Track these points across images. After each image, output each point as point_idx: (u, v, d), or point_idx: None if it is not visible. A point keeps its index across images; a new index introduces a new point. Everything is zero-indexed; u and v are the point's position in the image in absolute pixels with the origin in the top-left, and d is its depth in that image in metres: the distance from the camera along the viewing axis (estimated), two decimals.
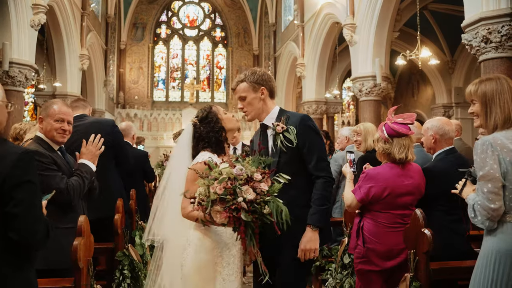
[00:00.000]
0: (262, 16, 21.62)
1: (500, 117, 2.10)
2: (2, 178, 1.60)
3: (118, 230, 3.17)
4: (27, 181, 1.66)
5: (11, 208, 1.61)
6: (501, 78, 2.19)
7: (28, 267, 1.75)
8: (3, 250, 1.64)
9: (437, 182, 2.95)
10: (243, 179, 2.13)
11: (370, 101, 10.66)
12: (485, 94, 2.15)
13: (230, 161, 2.25)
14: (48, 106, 2.76)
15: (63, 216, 2.60)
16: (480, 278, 2.07)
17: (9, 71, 9.30)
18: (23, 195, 1.64)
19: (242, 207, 2.08)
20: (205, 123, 2.70)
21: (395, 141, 2.95)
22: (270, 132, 2.73)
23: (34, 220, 1.66)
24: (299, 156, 2.60)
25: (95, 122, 3.63)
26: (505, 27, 6.00)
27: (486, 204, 2.01)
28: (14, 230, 1.62)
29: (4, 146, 1.69)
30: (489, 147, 2.03)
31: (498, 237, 2.04)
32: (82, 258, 2.18)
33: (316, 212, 2.52)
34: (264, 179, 2.18)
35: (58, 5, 12.21)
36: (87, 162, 2.86)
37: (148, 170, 5.47)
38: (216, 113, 2.73)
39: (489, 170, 2.01)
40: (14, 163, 1.62)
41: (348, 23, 10.84)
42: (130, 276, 3.15)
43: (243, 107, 2.71)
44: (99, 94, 17.81)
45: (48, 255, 2.34)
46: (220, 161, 2.47)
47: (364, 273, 3.03)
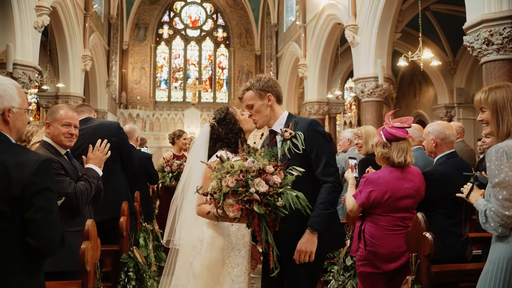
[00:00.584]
0: (264, 17, 21.65)
1: (511, 124, 2.12)
2: (22, 185, 1.64)
3: (124, 233, 3.21)
4: (46, 189, 1.70)
5: (31, 214, 1.65)
6: (510, 85, 2.21)
7: (39, 272, 1.79)
8: (19, 256, 1.68)
9: (438, 185, 2.99)
10: (255, 171, 2.13)
11: (372, 102, 10.69)
12: (496, 102, 2.17)
13: (242, 155, 2.26)
14: (54, 111, 2.79)
15: (71, 220, 2.64)
16: (490, 284, 2.08)
17: (13, 72, 9.36)
18: (42, 202, 1.68)
19: (255, 198, 2.07)
20: (223, 124, 2.73)
21: (393, 145, 2.99)
22: (279, 138, 2.71)
23: (51, 226, 1.70)
24: (307, 162, 2.57)
25: (100, 124, 3.68)
26: (506, 29, 6.03)
27: (501, 211, 2.02)
28: (32, 236, 1.67)
29: (24, 153, 1.74)
30: (504, 155, 2.05)
31: (510, 244, 2.06)
32: (89, 261, 2.22)
33: (318, 216, 2.49)
34: (276, 171, 2.18)
35: (61, 6, 12.26)
36: (94, 167, 2.90)
37: (152, 172, 5.51)
38: (234, 114, 2.77)
39: (505, 177, 2.03)
40: (34, 171, 1.66)
41: (350, 24, 10.87)
42: (135, 278, 3.19)
43: (251, 113, 2.72)
44: (101, 95, 17.87)
45: (58, 257, 2.39)
46: (232, 156, 2.47)
47: (366, 275, 3.07)
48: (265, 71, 21.89)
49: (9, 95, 1.78)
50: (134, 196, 4.14)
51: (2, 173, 1.62)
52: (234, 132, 2.71)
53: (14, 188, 1.62)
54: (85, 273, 2.22)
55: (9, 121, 1.76)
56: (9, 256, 1.65)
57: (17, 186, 1.63)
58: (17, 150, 1.73)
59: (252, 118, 2.73)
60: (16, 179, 1.63)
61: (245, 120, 2.78)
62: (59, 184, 2.55)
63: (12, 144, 1.76)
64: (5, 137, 1.75)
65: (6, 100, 1.77)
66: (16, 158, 1.67)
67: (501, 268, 2.05)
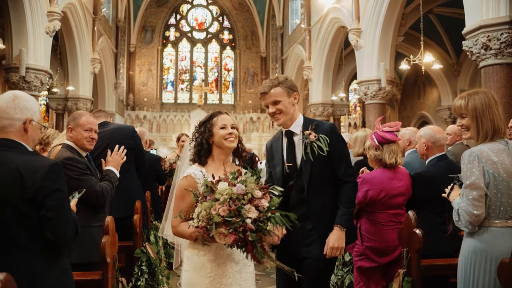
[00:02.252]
0: (270, 19, 21.87)
1: (490, 129, 2.30)
2: (35, 188, 1.89)
3: (137, 229, 3.46)
4: (56, 190, 1.95)
5: (45, 212, 1.91)
6: (486, 92, 2.40)
7: (61, 259, 2.05)
8: (41, 246, 1.94)
9: (429, 186, 3.22)
10: (246, 198, 2.06)
11: (375, 104, 10.90)
12: (476, 108, 2.33)
13: (228, 179, 2.16)
14: (77, 117, 3.05)
15: (95, 216, 2.92)
16: (461, 274, 2.33)
17: (25, 76, 9.65)
18: (54, 202, 1.93)
19: (250, 228, 2.03)
20: (199, 130, 2.56)
21: (385, 148, 3.26)
22: (297, 139, 2.78)
23: (63, 222, 1.96)
24: (329, 164, 2.71)
25: (117, 128, 3.94)
26: (504, 35, 6.21)
27: (470, 210, 2.22)
28: (48, 230, 1.93)
29: (36, 159, 1.99)
30: (476, 159, 2.24)
31: (474, 239, 2.28)
32: (109, 254, 2.47)
33: (345, 214, 2.68)
34: (264, 195, 2.11)
35: (71, 11, 12.56)
36: (113, 169, 3.17)
37: (160, 173, 5.76)
38: (213, 124, 2.51)
39: (475, 180, 2.22)
40: (44, 175, 1.91)
41: (354, 28, 11.08)
42: (147, 271, 3.43)
43: (274, 111, 2.74)
44: (109, 97, 18.16)
45: (85, 250, 2.67)
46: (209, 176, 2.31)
47: (364, 270, 3.30)
48: (270, 73, 22.11)
49: (32, 109, 2.05)
50: (145, 196, 4.39)
51: (17, 178, 1.88)
52: (202, 143, 2.49)
53: (28, 191, 1.88)
54: (105, 264, 2.47)
55: (28, 131, 2.03)
56: (32, 247, 1.91)
57: (31, 189, 1.88)
58: (30, 157, 1.98)
59: (275, 114, 2.74)
60: (29, 182, 1.88)
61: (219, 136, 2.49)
62: (88, 183, 2.82)
63: (27, 151, 2.02)
64: (21, 145, 2.01)
65: (30, 112, 2.03)
66: (28, 164, 1.93)
67: (468, 259, 2.28)
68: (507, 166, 2.21)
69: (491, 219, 2.24)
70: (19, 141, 1.99)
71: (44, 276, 1.91)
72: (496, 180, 2.21)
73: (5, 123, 1.96)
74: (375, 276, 3.26)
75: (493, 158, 2.23)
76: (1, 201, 1.85)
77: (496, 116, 2.32)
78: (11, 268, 1.73)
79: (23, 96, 2.02)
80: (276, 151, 2.91)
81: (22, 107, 1.98)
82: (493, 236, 2.21)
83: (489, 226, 2.24)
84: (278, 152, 2.88)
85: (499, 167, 2.20)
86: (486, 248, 2.21)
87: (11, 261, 1.83)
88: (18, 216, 1.87)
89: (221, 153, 2.49)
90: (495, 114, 2.32)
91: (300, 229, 2.67)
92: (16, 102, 1.98)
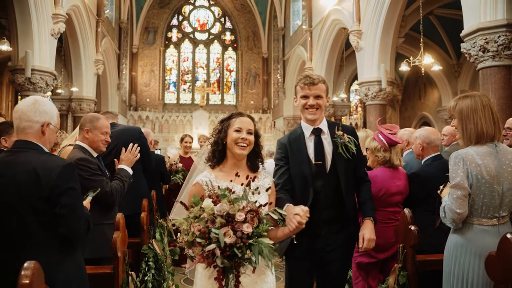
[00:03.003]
0: (271, 20, 22.01)
1: (473, 133, 2.42)
2: (50, 186, 2.04)
3: (144, 227, 3.59)
4: (69, 188, 2.10)
5: (59, 210, 2.06)
6: (476, 96, 2.50)
7: (75, 253, 2.19)
8: (57, 241, 2.09)
9: (424, 185, 3.36)
10: (221, 220, 1.89)
11: (376, 105, 11.03)
12: (461, 111, 2.47)
13: (215, 195, 2.01)
14: (94, 120, 3.20)
15: (107, 214, 3.06)
16: (446, 266, 2.51)
17: (31, 77, 9.81)
18: (67, 200, 2.08)
19: (216, 254, 1.87)
20: (216, 130, 2.46)
21: (392, 150, 3.41)
22: (325, 138, 2.79)
23: (76, 219, 2.11)
24: (352, 164, 2.79)
25: (124, 129, 4.09)
26: (501, 37, 6.33)
27: (453, 208, 2.38)
28: (62, 226, 2.08)
29: (51, 159, 2.14)
30: (461, 161, 2.39)
31: (458, 234, 2.45)
32: (120, 248, 2.60)
33: (372, 208, 2.86)
34: (247, 220, 1.92)
35: (75, 13, 12.71)
36: (126, 167, 3.33)
37: (165, 173, 5.89)
38: (230, 125, 2.40)
39: (460, 180, 2.36)
40: (58, 175, 2.06)
41: (354, 30, 11.20)
42: (154, 267, 3.56)
43: (315, 104, 2.73)
44: (112, 97, 18.32)
45: (97, 246, 2.82)
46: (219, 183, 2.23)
47: (363, 265, 3.45)
48: (272, 74, 22.25)
49: (50, 113, 2.21)
50: (151, 195, 4.53)
51: (34, 178, 2.02)
52: (217, 142, 2.40)
53: (44, 190, 2.03)
54: (116, 258, 2.60)
55: (45, 133, 2.18)
56: (48, 241, 2.06)
57: (46, 188, 2.03)
58: (46, 157, 2.13)
59: (313, 109, 2.75)
60: (45, 182, 2.03)
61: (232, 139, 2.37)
62: (99, 183, 2.96)
63: (44, 152, 2.17)
64: (38, 146, 2.16)
65: (48, 116, 2.19)
66: (44, 164, 2.07)
67: (451, 252, 2.45)
68: (491, 169, 2.34)
69: (473, 218, 2.39)
70: (36, 142, 2.13)
71: (59, 269, 2.05)
72: (479, 182, 2.35)
73: (24, 125, 2.10)
74: (373, 271, 3.40)
75: (477, 161, 2.37)
76: (20, 199, 1.99)
77: (482, 120, 2.41)
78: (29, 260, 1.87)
79: (43, 101, 2.17)
80: (298, 149, 2.80)
81: (41, 111, 2.13)
82: (474, 233, 2.37)
83: (472, 224, 2.40)
84: (302, 150, 2.78)
85: (483, 169, 2.34)
86: (467, 244, 2.37)
87: (28, 255, 1.96)
88: (35, 213, 2.01)
89: (232, 157, 2.38)
90: (481, 118, 2.41)
91: (326, 233, 2.72)
92: (36, 106, 2.12)
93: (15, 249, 1.99)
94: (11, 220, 1.99)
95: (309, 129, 2.81)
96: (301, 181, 2.73)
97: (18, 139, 2.13)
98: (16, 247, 1.99)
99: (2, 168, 2.03)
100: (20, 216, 1.99)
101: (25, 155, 2.07)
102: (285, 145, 2.84)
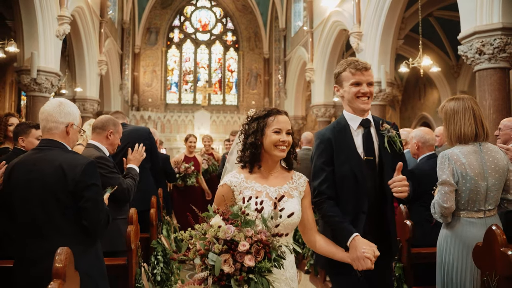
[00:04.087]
0: (273, 21, 22.17)
1: (453, 133, 2.65)
2: (75, 182, 2.23)
3: (153, 223, 3.78)
4: (92, 184, 2.29)
5: (83, 203, 2.25)
6: (461, 99, 2.71)
7: (95, 244, 2.38)
8: (80, 232, 2.28)
9: (419, 182, 3.51)
10: (219, 247, 1.69)
11: (376, 106, 11.18)
12: (446, 112, 2.71)
13: (227, 212, 1.82)
14: (117, 125, 3.42)
15: (120, 210, 3.25)
16: (439, 258, 2.70)
17: (36, 78, 9.97)
18: (90, 194, 2.27)
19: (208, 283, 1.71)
20: (245, 129, 2.23)
21: None
22: (373, 130, 2.47)
23: (98, 212, 2.30)
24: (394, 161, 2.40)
25: (134, 130, 4.28)
26: (497, 40, 6.50)
27: (440, 203, 2.59)
28: (85, 218, 2.27)
29: (76, 157, 2.33)
30: (447, 160, 2.61)
31: (448, 227, 2.66)
32: (133, 241, 2.78)
33: None
34: (252, 251, 1.70)
35: (79, 14, 12.89)
36: (134, 166, 3.51)
37: (170, 171, 6.07)
38: (268, 124, 2.17)
39: (446, 178, 2.58)
40: (82, 171, 2.25)
41: (355, 31, 11.37)
42: (163, 261, 3.75)
43: (367, 91, 2.41)
44: (115, 97, 18.52)
45: (111, 240, 3.00)
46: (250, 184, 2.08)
47: None
48: (273, 74, 22.42)
49: (74, 115, 2.41)
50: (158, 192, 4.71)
51: (61, 173, 2.22)
52: (251, 142, 2.14)
53: (69, 184, 2.22)
54: (130, 251, 2.78)
55: (69, 133, 2.37)
56: (73, 232, 2.25)
57: (72, 183, 2.22)
58: (70, 155, 2.33)
59: (365, 97, 2.42)
60: (70, 177, 2.22)
61: (271, 141, 2.14)
62: (117, 181, 3.14)
63: (68, 150, 2.37)
64: (63, 145, 2.36)
65: (72, 117, 2.38)
66: (69, 161, 2.27)
67: (442, 243, 2.66)
68: (475, 167, 2.56)
69: (461, 211, 2.61)
70: (61, 141, 2.31)
71: (81, 257, 2.24)
72: (464, 179, 2.55)
73: (51, 126, 2.29)
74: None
75: (462, 159, 2.58)
76: (48, 193, 2.17)
77: (462, 122, 2.62)
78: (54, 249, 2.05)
79: (67, 103, 2.36)
80: (344, 144, 2.41)
81: (66, 113, 2.32)
82: (462, 226, 2.58)
83: (460, 217, 2.61)
84: (349, 145, 2.41)
85: (467, 167, 2.55)
86: (456, 236, 2.57)
87: (55, 244, 2.15)
88: (61, 207, 2.19)
89: (269, 159, 2.15)
90: (461, 120, 2.62)
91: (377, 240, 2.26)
92: (61, 107, 2.31)
93: (42, 239, 2.17)
94: (40, 212, 2.17)
95: (356, 120, 2.47)
96: (349, 182, 2.36)
97: (44, 138, 2.31)
98: (44, 237, 2.17)
99: (30, 164, 2.22)
100: (48, 209, 2.17)
101: (51, 153, 2.25)
102: (330, 140, 2.42)
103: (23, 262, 2.20)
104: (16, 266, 2.24)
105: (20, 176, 2.22)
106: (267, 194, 2.08)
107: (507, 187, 2.67)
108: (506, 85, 6.65)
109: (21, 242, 2.22)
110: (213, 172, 7.46)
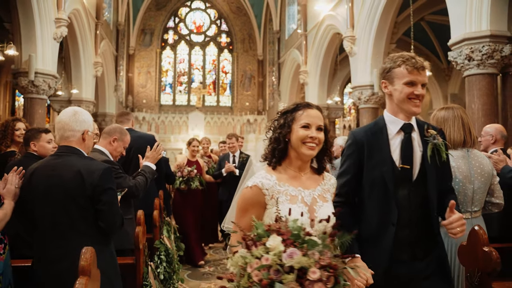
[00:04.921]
0: (267, 23, 22.36)
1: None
2: (93, 186, 2.39)
3: (156, 224, 3.94)
4: (109, 188, 2.45)
5: (100, 206, 2.41)
6: (451, 108, 2.93)
7: (110, 244, 2.55)
8: (97, 233, 2.44)
9: None
10: (289, 278, 1.41)
11: (368, 108, 11.43)
12: (437, 120, 2.93)
13: (287, 232, 1.50)
14: (123, 133, 3.57)
15: (127, 210, 3.41)
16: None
17: (34, 80, 10.06)
18: (107, 198, 2.43)
19: None
20: (274, 125, 2.02)
21: None
22: (415, 138, 2.21)
23: (113, 214, 2.47)
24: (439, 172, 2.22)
25: (138, 137, 4.43)
26: (485, 47, 6.74)
27: None
28: (102, 220, 2.43)
29: (93, 163, 2.49)
30: None
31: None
32: (141, 241, 2.95)
33: None
34: (324, 279, 1.42)
35: (76, 16, 12.98)
36: (150, 164, 3.68)
37: (170, 174, 6.23)
38: (295, 119, 1.94)
39: None
40: (100, 176, 2.41)
41: (348, 36, 11.59)
42: (165, 260, 3.91)
43: (420, 94, 2.14)
44: (109, 99, 18.55)
45: (119, 239, 3.16)
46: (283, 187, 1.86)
47: None
48: (267, 76, 22.61)
49: (88, 122, 2.58)
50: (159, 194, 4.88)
51: (79, 178, 2.38)
52: (278, 139, 1.94)
53: (88, 189, 2.38)
54: (138, 250, 2.95)
55: (85, 140, 2.53)
56: (89, 233, 2.40)
57: (90, 187, 2.38)
58: (88, 161, 2.49)
59: (417, 99, 2.15)
60: (88, 182, 2.38)
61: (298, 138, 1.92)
62: (124, 180, 3.30)
63: (85, 156, 2.54)
64: (79, 151, 2.52)
65: (87, 125, 2.54)
66: (87, 167, 2.43)
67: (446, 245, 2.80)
68: (463, 170, 2.74)
69: None
70: (78, 148, 2.48)
71: (99, 257, 2.39)
72: (454, 181, 2.73)
73: (68, 134, 2.45)
74: None
75: (451, 163, 2.76)
76: (67, 197, 2.33)
77: (451, 129, 2.84)
78: (73, 249, 2.21)
79: (81, 112, 2.52)
80: (377, 148, 2.20)
81: (81, 121, 2.48)
82: None
83: None
84: (383, 149, 2.19)
85: (456, 171, 2.74)
86: (445, 235, 2.73)
87: (73, 244, 2.31)
88: (79, 209, 2.35)
89: (297, 157, 1.95)
90: (450, 127, 2.84)
91: (408, 259, 2.13)
92: (77, 116, 2.48)
93: (61, 240, 2.33)
94: (61, 215, 2.33)
95: (397, 123, 2.21)
96: (379, 190, 2.17)
97: (62, 145, 2.47)
98: (63, 238, 2.33)
99: (50, 169, 2.38)
100: (68, 211, 2.33)
101: (69, 158, 2.41)
102: (362, 142, 2.23)
103: (42, 261, 2.35)
104: (35, 264, 2.39)
105: (40, 181, 2.37)
106: (302, 199, 1.88)
107: (492, 191, 2.89)
108: (494, 90, 6.88)
109: (41, 243, 2.37)
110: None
